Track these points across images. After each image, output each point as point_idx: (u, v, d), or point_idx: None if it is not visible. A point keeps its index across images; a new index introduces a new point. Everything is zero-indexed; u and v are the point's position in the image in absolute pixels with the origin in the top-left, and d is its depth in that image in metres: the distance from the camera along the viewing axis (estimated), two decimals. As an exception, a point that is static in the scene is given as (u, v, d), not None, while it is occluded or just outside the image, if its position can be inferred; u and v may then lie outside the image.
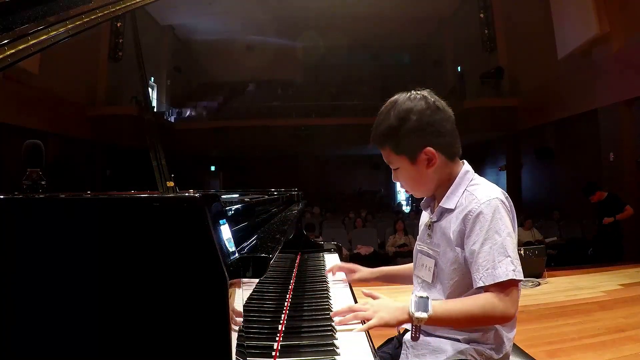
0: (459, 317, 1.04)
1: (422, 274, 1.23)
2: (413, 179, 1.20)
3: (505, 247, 1.04)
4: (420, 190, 1.24)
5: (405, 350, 1.22)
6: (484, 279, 1.04)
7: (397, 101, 1.17)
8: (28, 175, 1.05)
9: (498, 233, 1.06)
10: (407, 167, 1.17)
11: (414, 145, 1.14)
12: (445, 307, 1.05)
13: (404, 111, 1.14)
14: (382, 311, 1.04)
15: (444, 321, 1.06)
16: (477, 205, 1.09)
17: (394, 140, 1.15)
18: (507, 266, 1.03)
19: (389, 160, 1.20)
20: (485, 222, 1.07)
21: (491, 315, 1.03)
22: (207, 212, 0.63)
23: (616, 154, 7.31)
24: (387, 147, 1.17)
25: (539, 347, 2.77)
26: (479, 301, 1.04)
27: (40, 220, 0.63)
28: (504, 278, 1.02)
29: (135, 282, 0.62)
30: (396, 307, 1.05)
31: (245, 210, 1.02)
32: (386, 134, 1.16)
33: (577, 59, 8.25)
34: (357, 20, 12.55)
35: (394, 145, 1.16)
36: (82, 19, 1.09)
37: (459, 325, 1.11)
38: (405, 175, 1.20)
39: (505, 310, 1.02)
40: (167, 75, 13.73)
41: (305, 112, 12.91)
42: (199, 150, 12.54)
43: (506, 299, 1.02)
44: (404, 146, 1.15)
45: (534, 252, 4.57)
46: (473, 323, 1.09)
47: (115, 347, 0.62)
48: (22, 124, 6.43)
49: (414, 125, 1.13)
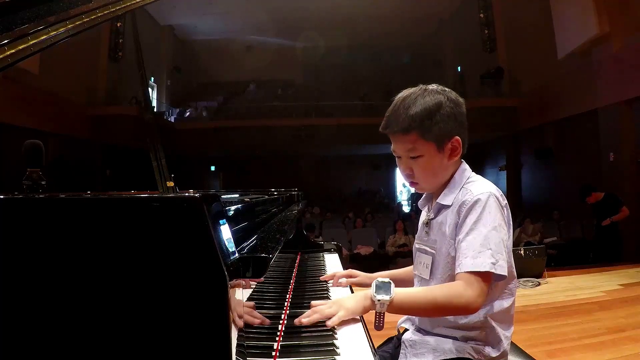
0: (421, 302, 1.04)
1: (420, 271, 1.23)
2: (432, 169, 1.16)
3: (489, 240, 1.04)
4: (433, 181, 1.19)
5: (405, 349, 1.22)
6: (461, 266, 1.04)
7: (426, 89, 1.16)
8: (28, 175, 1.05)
9: (484, 225, 1.06)
10: (432, 154, 1.14)
11: (445, 132, 1.13)
12: (408, 292, 1.06)
13: (439, 99, 1.13)
14: (346, 303, 1.05)
15: (407, 306, 1.06)
16: (471, 197, 1.10)
17: (427, 124, 1.11)
18: (486, 258, 1.03)
19: (410, 148, 1.14)
20: (475, 214, 1.08)
21: (455, 303, 1.01)
22: (207, 212, 0.63)
23: (616, 154, 7.31)
24: (414, 132, 1.12)
25: (539, 347, 2.77)
26: (445, 289, 1.05)
27: (40, 220, 0.63)
28: (481, 269, 1.02)
29: (135, 282, 0.62)
30: (360, 295, 1.06)
31: (245, 210, 1.02)
32: (419, 118, 1.11)
33: (577, 59, 8.25)
34: (357, 20, 12.56)
35: (426, 130, 1.11)
36: (82, 19, 1.09)
37: (424, 312, 1.11)
38: (427, 165, 1.15)
39: (470, 300, 1.00)
40: (167, 75, 13.74)
41: (305, 112, 12.90)
42: (199, 150, 12.54)
43: (474, 289, 1.01)
44: (437, 132, 1.12)
45: (534, 252, 4.56)
46: (437, 311, 1.07)
47: (115, 347, 0.62)
48: (22, 124, 6.43)
49: (449, 112, 1.13)
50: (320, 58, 14.37)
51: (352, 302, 1.05)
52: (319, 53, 14.15)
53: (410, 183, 1.22)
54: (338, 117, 12.35)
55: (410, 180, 1.20)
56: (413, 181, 1.20)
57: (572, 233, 7.63)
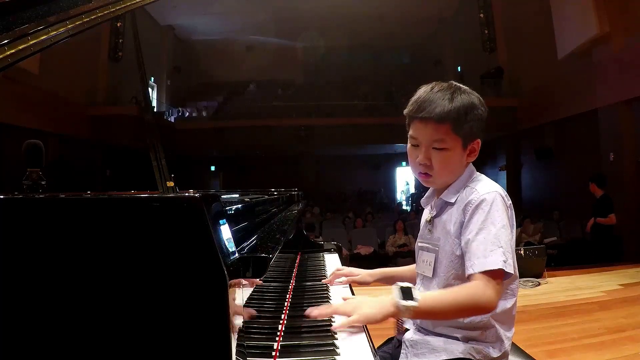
0: (446, 305, 1.02)
1: (423, 269, 1.23)
2: (453, 164, 1.16)
3: (499, 238, 1.04)
4: (448, 177, 1.18)
5: (405, 349, 1.22)
6: (474, 266, 1.04)
7: (460, 86, 1.16)
8: (28, 175, 1.05)
9: (493, 224, 1.06)
10: (457, 150, 1.14)
11: (473, 132, 1.14)
12: (432, 295, 1.04)
13: (476, 99, 1.15)
14: (364, 307, 1.01)
15: (432, 310, 1.03)
16: (477, 196, 1.10)
17: (462, 120, 1.11)
18: (498, 256, 1.03)
19: (441, 138, 1.12)
20: (482, 213, 1.07)
21: (477, 303, 1.01)
22: (207, 212, 0.63)
23: (616, 154, 7.31)
24: (448, 122, 1.11)
25: (539, 347, 2.77)
26: (466, 289, 1.03)
27: (40, 220, 0.63)
28: (494, 267, 1.02)
29: (135, 281, 0.62)
30: (379, 301, 1.01)
31: (245, 210, 1.02)
32: (458, 111, 1.11)
33: (577, 59, 8.25)
34: (357, 20, 12.56)
35: (460, 124, 1.11)
36: (82, 19, 1.09)
37: (447, 315, 1.08)
38: (447, 159, 1.14)
39: (491, 298, 1.01)
40: (167, 75, 13.75)
41: (305, 112, 12.90)
42: (199, 150, 12.54)
43: (492, 287, 1.01)
44: (467, 130, 1.13)
45: (534, 252, 4.56)
46: (460, 312, 1.06)
47: (116, 347, 0.62)
48: (22, 124, 6.44)
49: (481, 114, 1.15)
50: (320, 58, 14.37)
51: (371, 308, 1.00)
52: (319, 53, 14.16)
53: (420, 175, 1.18)
54: (338, 117, 12.34)
55: (423, 172, 1.16)
56: (427, 173, 1.16)
57: (572, 233, 7.62)
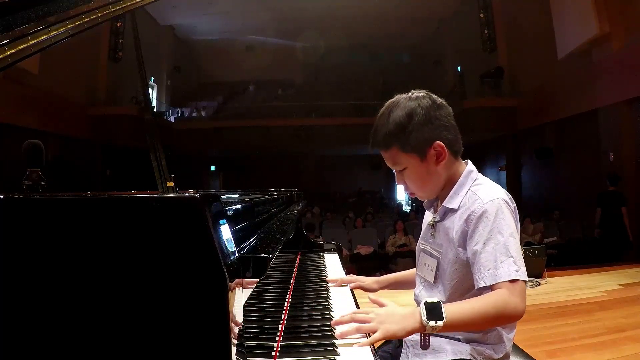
0: (473, 318, 0.99)
1: (424, 273, 1.23)
2: (422, 178, 1.17)
3: (508, 247, 1.03)
4: (428, 189, 1.20)
5: (406, 349, 1.22)
6: (485, 279, 1.02)
7: (399, 101, 1.16)
8: (28, 175, 1.05)
9: (501, 233, 1.04)
10: (417, 165, 1.14)
11: (423, 140, 1.13)
12: (458, 310, 0.99)
13: (410, 108, 1.13)
14: (388, 322, 0.98)
15: (458, 325, 1.00)
16: (481, 205, 1.08)
17: (402, 137, 1.12)
18: (509, 266, 1.01)
19: (395, 162, 1.17)
20: (488, 222, 1.06)
21: (504, 312, 0.99)
22: (207, 212, 0.63)
23: (616, 154, 7.31)
24: (393, 147, 1.14)
25: (539, 347, 2.78)
26: (491, 300, 1.01)
27: (40, 220, 0.63)
28: (506, 278, 1.01)
29: (135, 282, 0.62)
30: (403, 316, 0.99)
31: (245, 210, 1.02)
32: (393, 133, 1.13)
33: (577, 59, 8.24)
34: (357, 20, 12.55)
35: (403, 143, 1.13)
36: (82, 19, 1.09)
37: (472, 327, 1.06)
38: (414, 175, 1.16)
39: (517, 306, 0.99)
40: (167, 75, 13.74)
41: (305, 112, 12.91)
42: (199, 150, 12.54)
43: (516, 294, 1.00)
44: (414, 142, 1.12)
45: (534, 252, 4.57)
46: (487, 323, 1.05)
47: (115, 347, 0.62)
48: (22, 124, 6.44)
49: (422, 119, 1.12)
50: (320, 58, 14.38)
51: (396, 324, 0.97)
52: (319, 53, 14.16)
53: (409, 193, 1.24)
54: (338, 117, 12.35)
55: (408, 192, 1.23)
56: (411, 191, 1.22)
57: (572, 233, 7.62)
